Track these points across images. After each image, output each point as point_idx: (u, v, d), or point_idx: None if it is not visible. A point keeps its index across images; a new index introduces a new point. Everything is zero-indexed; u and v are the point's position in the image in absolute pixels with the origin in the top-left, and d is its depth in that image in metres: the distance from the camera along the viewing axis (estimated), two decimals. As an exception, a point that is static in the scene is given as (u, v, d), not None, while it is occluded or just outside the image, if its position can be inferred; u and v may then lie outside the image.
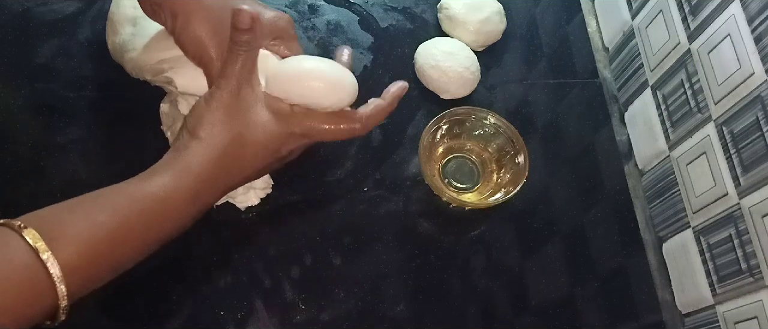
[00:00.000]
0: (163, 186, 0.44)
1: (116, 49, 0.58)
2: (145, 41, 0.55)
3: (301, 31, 0.67)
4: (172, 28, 0.49)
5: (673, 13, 0.59)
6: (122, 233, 0.42)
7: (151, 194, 0.43)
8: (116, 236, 0.41)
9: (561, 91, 0.68)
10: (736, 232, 0.52)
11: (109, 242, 0.41)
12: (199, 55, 0.49)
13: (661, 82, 0.62)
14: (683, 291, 0.59)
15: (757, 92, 0.49)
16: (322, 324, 0.54)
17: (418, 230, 0.59)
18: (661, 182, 0.62)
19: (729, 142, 0.52)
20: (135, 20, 0.57)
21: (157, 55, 0.54)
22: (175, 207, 0.44)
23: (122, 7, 0.57)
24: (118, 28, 0.57)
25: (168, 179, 0.44)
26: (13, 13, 0.63)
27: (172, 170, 0.45)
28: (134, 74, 0.57)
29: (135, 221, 0.42)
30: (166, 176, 0.44)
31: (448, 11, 0.67)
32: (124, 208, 0.42)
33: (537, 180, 0.60)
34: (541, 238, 0.60)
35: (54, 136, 0.58)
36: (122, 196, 0.43)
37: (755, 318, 0.50)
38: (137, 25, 0.56)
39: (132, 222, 0.42)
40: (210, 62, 0.49)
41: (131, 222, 0.42)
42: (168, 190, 0.44)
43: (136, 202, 0.43)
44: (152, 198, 0.43)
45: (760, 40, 0.49)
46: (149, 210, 0.43)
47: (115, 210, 0.42)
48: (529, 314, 0.57)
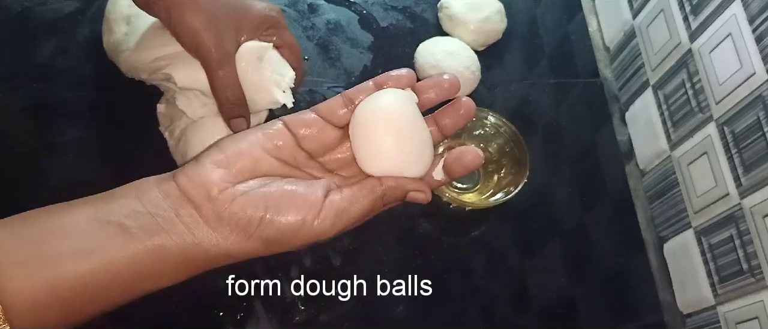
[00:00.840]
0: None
1: (111, 49, 0.57)
2: (134, 38, 0.55)
3: (301, 30, 0.67)
4: (167, 20, 0.49)
5: (674, 12, 0.59)
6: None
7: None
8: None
9: (562, 91, 0.68)
10: (737, 232, 0.51)
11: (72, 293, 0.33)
12: (196, 46, 0.49)
13: (662, 81, 0.61)
14: (684, 292, 0.58)
15: (758, 91, 0.49)
16: (322, 324, 0.53)
17: (418, 230, 0.59)
18: (662, 182, 0.61)
19: (730, 142, 0.52)
20: (129, 19, 0.56)
21: (153, 53, 0.54)
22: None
23: (118, 6, 0.57)
24: (114, 26, 0.57)
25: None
26: (13, 13, 0.63)
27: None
28: (130, 74, 0.57)
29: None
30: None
31: (449, 10, 0.67)
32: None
33: (537, 180, 0.59)
34: (541, 238, 0.60)
35: (53, 136, 0.58)
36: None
37: (756, 319, 0.49)
38: (131, 25, 0.56)
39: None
40: (208, 53, 0.49)
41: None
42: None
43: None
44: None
45: (761, 40, 0.49)
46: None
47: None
48: (529, 314, 0.57)
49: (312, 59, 0.66)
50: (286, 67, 0.54)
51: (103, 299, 0.34)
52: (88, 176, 0.56)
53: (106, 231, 0.33)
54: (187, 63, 0.51)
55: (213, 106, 0.52)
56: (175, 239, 0.34)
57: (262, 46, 0.51)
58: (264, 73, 0.51)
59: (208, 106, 0.53)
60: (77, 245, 0.33)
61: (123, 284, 0.34)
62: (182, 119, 0.55)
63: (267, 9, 0.53)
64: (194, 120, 0.54)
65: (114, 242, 0.33)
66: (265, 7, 0.53)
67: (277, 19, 0.54)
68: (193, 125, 0.54)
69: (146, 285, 0.35)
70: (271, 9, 0.54)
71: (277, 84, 0.52)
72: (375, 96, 0.39)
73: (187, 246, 0.35)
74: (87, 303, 0.34)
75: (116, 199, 0.35)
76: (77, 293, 0.33)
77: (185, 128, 0.54)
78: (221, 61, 0.49)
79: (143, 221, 0.34)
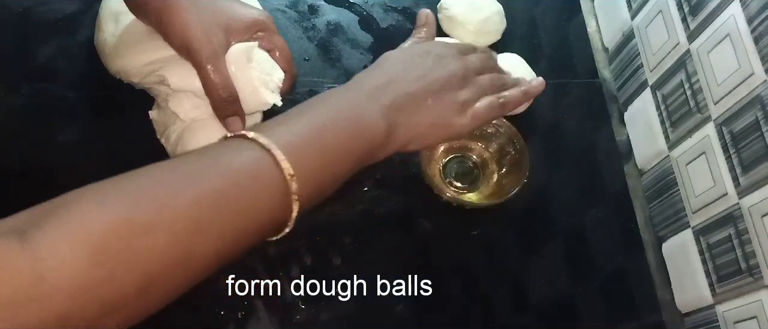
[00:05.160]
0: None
1: (99, 48, 0.57)
2: (124, 42, 0.55)
3: (302, 31, 0.67)
4: (158, 23, 0.50)
5: (673, 13, 0.59)
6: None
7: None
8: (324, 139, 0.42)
9: (561, 91, 0.68)
10: (735, 232, 0.52)
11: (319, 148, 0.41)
12: (186, 45, 0.50)
13: (660, 82, 0.62)
14: (683, 291, 0.59)
15: (756, 91, 0.49)
16: (322, 324, 0.54)
17: (418, 230, 0.59)
18: (660, 182, 0.62)
19: (728, 142, 0.52)
20: (117, 16, 0.56)
21: (146, 57, 0.54)
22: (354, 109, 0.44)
23: (110, 2, 0.57)
24: (103, 24, 0.57)
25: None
26: (14, 13, 0.63)
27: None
28: (119, 76, 0.57)
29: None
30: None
31: (448, 11, 0.67)
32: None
33: (537, 180, 0.60)
34: (541, 238, 0.60)
35: (54, 136, 0.58)
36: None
37: (755, 318, 0.50)
38: (119, 22, 0.56)
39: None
40: (197, 51, 0.50)
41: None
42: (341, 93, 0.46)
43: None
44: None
45: (760, 40, 0.49)
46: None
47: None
48: (529, 313, 0.57)
49: (312, 60, 0.66)
50: (275, 68, 0.55)
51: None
52: (88, 176, 0.56)
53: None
54: (181, 65, 0.52)
55: (206, 107, 0.53)
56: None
57: (250, 45, 0.52)
58: (252, 74, 0.52)
59: (200, 108, 0.53)
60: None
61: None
62: (176, 123, 0.54)
63: (257, 13, 0.55)
64: (187, 123, 0.54)
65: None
66: (255, 11, 0.55)
67: (266, 23, 0.55)
68: (189, 129, 0.54)
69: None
70: (260, 13, 0.56)
71: (265, 84, 0.52)
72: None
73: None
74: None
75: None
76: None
77: (181, 132, 0.54)
78: (210, 57, 0.50)
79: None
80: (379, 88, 0.46)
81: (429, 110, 0.47)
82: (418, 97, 0.47)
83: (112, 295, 0.32)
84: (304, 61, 0.65)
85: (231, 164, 0.38)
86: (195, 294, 0.53)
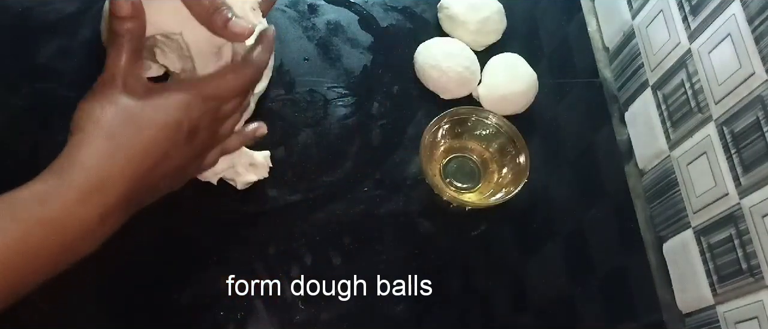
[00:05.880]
0: (42, 191, 0.38)
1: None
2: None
3: (301, 30, 0.67)
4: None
5: (674, 12, 0.59)
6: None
7: (25, 200, 0.38)
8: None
9: (561, 91, 0.68)
10: (736, 232, 0.51)
11: None
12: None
13: (661, 82, 0.62)
14: (684, 291, 0.58)
15: (757, 91, 0.49)
16: (322, 324, 0.54)
17: (418, 230, 0.59)
18: (661, 182, 0.62)
19: (729, 142, 0.52)
20: None
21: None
22: (62, 212, 0.38)
23: None
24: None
25: (50, 180, 0.39)
26: (14, 13, 0.63)
27: (52, 171, 0.39)
28: None
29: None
30: (47, 178, 0.39)
31: (448, 11, 0.67)
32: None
33: (537, 180, 0.60)
34: (541, 238, 0.60)
35: (54, 136, 0.58)
36: None
37: (756, 318, 0.49)
38: None
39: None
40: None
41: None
42: (49, 192, 0.38)
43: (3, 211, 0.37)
44: (28, 204, 0.38)
45: (761, 40, 0.49)
46: (26, 219, 0.37)
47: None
48: (529, 314, 0.57)
49: (312, 59, 0.66)
50: None
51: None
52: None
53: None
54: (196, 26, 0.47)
55: (193, 62, 0.49)
56: None
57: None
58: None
59: (187, 61, 0.50)
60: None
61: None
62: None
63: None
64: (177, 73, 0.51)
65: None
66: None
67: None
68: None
69: None
70: None
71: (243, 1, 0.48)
72: None
73: None
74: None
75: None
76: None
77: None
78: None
79: None
80: (102, 184, 0.40)
81: (165, 179, 0.44)
82: (149, 184, 0.43)
83: None
84: (304, 61, 0.65)
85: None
86: (195, 295, 0.53)
